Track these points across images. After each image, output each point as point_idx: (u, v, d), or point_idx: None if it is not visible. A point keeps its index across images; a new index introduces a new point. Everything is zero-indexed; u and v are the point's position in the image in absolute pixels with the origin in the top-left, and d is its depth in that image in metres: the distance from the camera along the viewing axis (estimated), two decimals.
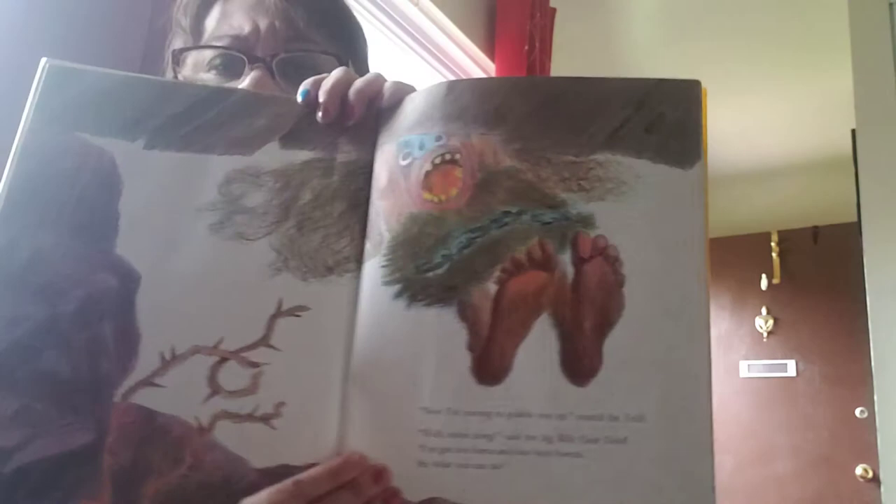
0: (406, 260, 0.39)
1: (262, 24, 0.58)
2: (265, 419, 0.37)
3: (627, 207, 0.39)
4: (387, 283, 0.39)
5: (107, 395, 0.36)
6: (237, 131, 0.41)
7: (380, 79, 0.44)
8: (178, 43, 0.62)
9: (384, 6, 1.73)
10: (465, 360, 0.37)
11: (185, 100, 0.42)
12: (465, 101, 0.41)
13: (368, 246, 0.40)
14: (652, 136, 0.40)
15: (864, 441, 2.87)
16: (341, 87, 0.43)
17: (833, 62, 2.24)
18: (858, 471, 2.90)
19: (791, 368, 3.15)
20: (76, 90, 0.41)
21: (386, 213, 0.40)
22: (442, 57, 1.96)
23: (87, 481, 0.35)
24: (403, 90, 0.44)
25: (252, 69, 0.56)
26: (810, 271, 3.20)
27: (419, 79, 1.94)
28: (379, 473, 0.37)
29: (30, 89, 0.79)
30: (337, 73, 0.44)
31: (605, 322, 0.38)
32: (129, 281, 0.38)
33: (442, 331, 0.38)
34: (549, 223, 0.39)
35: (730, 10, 2.17)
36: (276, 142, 0.41)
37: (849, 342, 2.96)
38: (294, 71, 0.57)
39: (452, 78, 2.00)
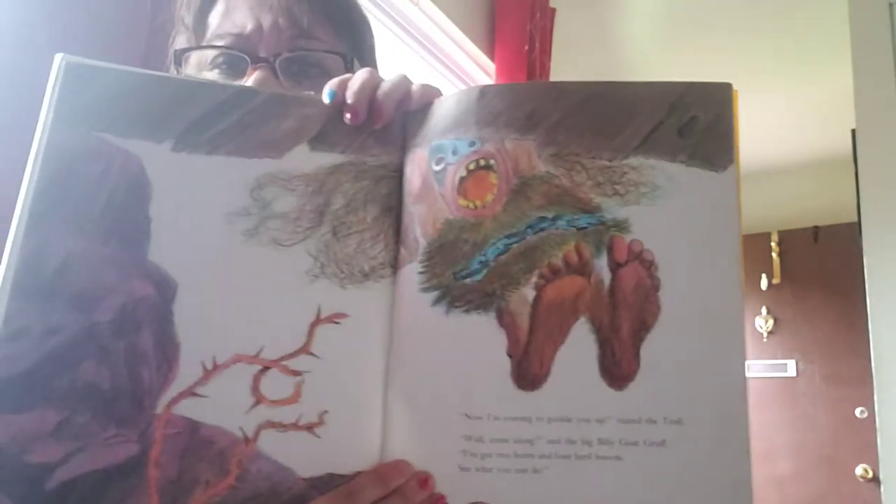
0: (443, 266, 0.39)
1: (265, 21, 0.57)
2: (309, 428, 0.37)
3: (662, 211, 0.39)
4: (424, 290, 0.39)
5: (149, 406, 0.35)
6: (265, 133, 0.40)
7: (407, 81, 0.44)
8: (180, 41, 0.62)
9: (384, 6, 1.73)
10: (504, 365, 0.38)
11: (209, 100, 0.40)
12: (497, 106, 0.41)
13: (403, 251, 0.40)
14: (685, 139, 0.40)
15: (864, 441, 2.87)
16: (369, 89, 0.42)
17: (833, 62, 2.24)
18: (858, 471, 2.90)
19: (791, 368, 3.15)
20: (97, 89, 0.39)
21: (421, 219, 0.40)
22: (442, 57, 1.96)
23: (134, 495, 0.34)
24: (432, 93, 0.43)
25: (255, 69, 0.56)
26: (810, 271, 3.20)
27: (419, 79, 1.94)
28: (424, 479, 0.37)
29: (28, 87, 0.78)
30: (363, 74, 0.43)
31: (642, 326, 0.38)
32: (165, 289, 0.37)
33: (481, 337, 0.38)
34: (584, 228, 0.39)
35: (729, 10, 2.17)
36: (305, 144, 0.41)
37: (849, 342, 2.96)
38: (298, 70, 0.57)
39: (452, 78, 2.00)
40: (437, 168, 0.41)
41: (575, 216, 0.39)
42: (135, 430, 0.35)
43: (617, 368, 0.38)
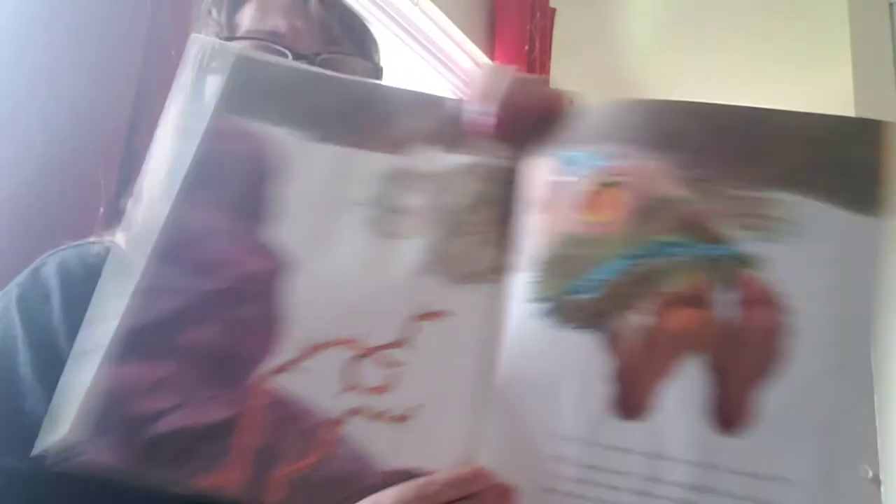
0: (558, 279, 0.37)
1: (300, 24, 0.59)
2: (397, 420, 0.37)
3: (801, 252, 0.36)
4: (535, 301, 0.37)
5: (248, 375, 0.36)
6: (398, 130, 0.42)
7: (540, 87, 0.44)
8: (209, 34, 0.62)
9: (384, 6, 1.73)
10: (606, 390, 0.35)
11: (354, 96, 0.43)
12: (638, 122, 0.39)
13: (515, 258, 0.39)
14: (834, 177, 0.37)
15: None
16: (502, 95, 0.42)
17: (833, 62, 2.24)
18: None
19: None
20: (258, 80, 0.43)
21: (540, 229, 0.39)
22: (442, 57, 1.96)
23: (222, 456, 0.35)
24: (565, 102, 0.43)
25: None
26: None
27: (419, 78, 1.94)
28: (505, 493, 0.35)
29: (27, 87, 0.79)
30: (497, 78, 0.43)
31: (764, 373, 0.35)
32: (283, 266, 0.38)
33: (587, 357, 0.36)
34: (714, 259, 0.36)
35: (730, 10, 2.17)
36: (435, 144, 0.42)
37: None
38: (335, 71, 0.59)
39: (453, 78, 2.00)
40: (564, 178, 0.39)
41: (705, 245, 0.37)
42: (232, 395, 0.36)
43: (729, 413, 0.34)
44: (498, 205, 0.40)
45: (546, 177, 0.40)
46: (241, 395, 0.36)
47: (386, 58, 0.70)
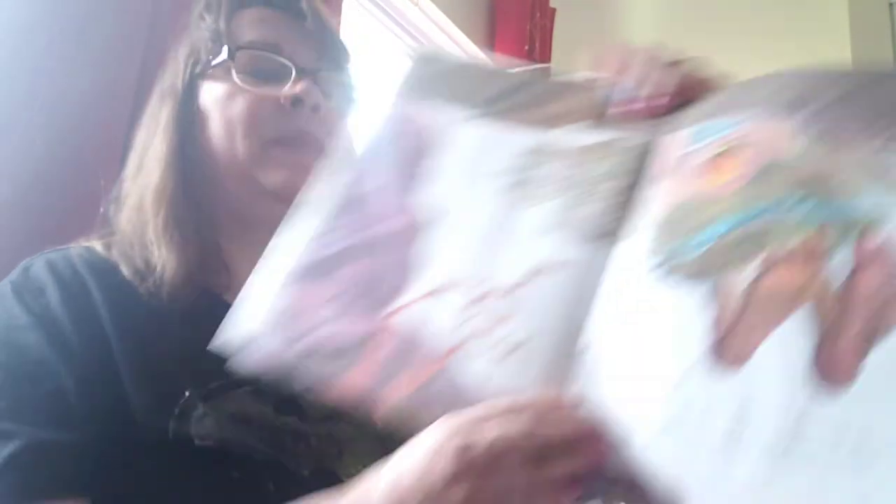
0: (673, 237, 0.38)
1: (298, 40, 0.63)
2: (500, 357, 0.40)
3: None
4: (648, 256, 0.38)
5: (386, 304, 0.43)
6: (549, 110, 0.47)
7: (688, 70, 0.45)
8: (203, 37, 0.63)
9: (384, 6, 1.73)
10: (706, 338, 0.35)
11: (512, 80, 0.49)
12: (770, 90, 0.40)
13: (636, 222, 0.41)
14: None
15: None
16: (650, 79, 0.45)
17: (833, 61, 2.24)
18: None
19: None
20: (432, 70, 0.51)
21: (663, 195, 0.40)
22: None
23: (354, 366, 0.41)
24: (709, 85, 0.44)
25: (301, 79, 0.60)
26: None
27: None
28: (598, 439, 0.36)
29: (27, 87, 0.79)
30: (644, 66, 0.45)
31: (877, 331, 0.33)
32: (427, 222, 0.45)
33: (690, 305, 0.35)
34: (834, 213, 0.35)
35: (729, 11, 2.17)
36: (580, 123, 0.46)
37: None
38: (333, 86, 0.64)
39: None
40: (693, 147, 0.41)
41: (827, 199, 0.35)
42: (371, 321, 0.42)
43: (833, 367, 0.33)
44: (628, 176, 0.43)
45: (676, 147, 0.42)
46: (377, 319, 0.42)
47: (384, 57, 0.71)
